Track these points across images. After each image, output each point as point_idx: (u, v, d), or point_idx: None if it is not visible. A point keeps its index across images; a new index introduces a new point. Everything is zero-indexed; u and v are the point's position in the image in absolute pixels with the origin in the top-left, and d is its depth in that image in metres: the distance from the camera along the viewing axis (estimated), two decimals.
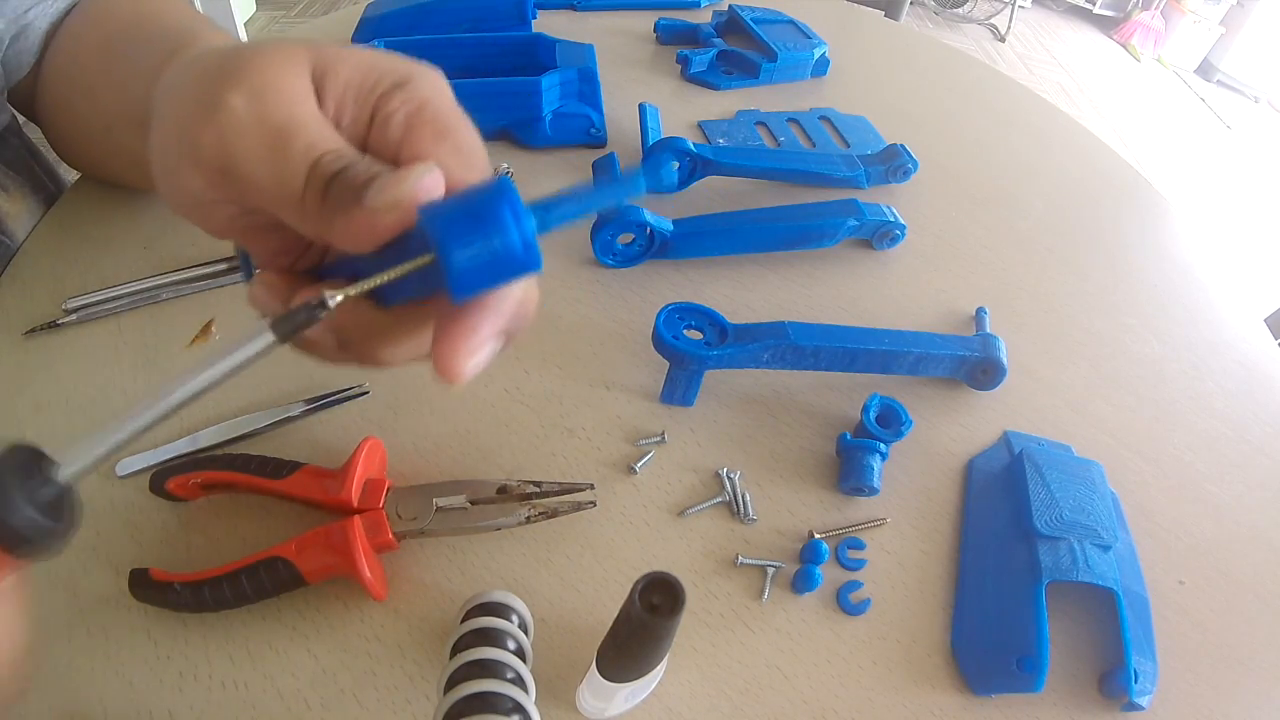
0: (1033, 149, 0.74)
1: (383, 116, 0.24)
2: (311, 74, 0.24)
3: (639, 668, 0.29)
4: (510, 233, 0.19)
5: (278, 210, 0.23)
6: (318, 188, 0.22)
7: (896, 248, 0.58)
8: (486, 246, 0.19)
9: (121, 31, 0.43)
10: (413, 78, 0.24)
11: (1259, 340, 0.58)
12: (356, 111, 0.24)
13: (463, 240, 0.19)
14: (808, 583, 0.38)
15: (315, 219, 0.22)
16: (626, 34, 0.79)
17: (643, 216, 0.50)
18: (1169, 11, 3.48)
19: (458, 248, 0.19)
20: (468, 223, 0.19)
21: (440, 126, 0.23)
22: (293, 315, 0.20)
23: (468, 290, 0.19)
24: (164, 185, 0.25)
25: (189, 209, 0.25)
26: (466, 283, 0.19)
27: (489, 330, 0.21)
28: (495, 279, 0.20)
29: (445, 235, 0.19)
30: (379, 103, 0.24)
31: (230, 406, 0.42)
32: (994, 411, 0.48)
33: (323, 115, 0.23)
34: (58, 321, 0.45)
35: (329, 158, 0.22)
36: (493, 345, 0.22)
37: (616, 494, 0.41)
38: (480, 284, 0.19)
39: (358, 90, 0.24)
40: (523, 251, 0.19)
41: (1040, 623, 0.36)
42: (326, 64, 0.24)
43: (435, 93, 0.24)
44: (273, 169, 0.22)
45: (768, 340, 0.43)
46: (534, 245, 0.19)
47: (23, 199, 0.52)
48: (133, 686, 0.33)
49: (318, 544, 0.34)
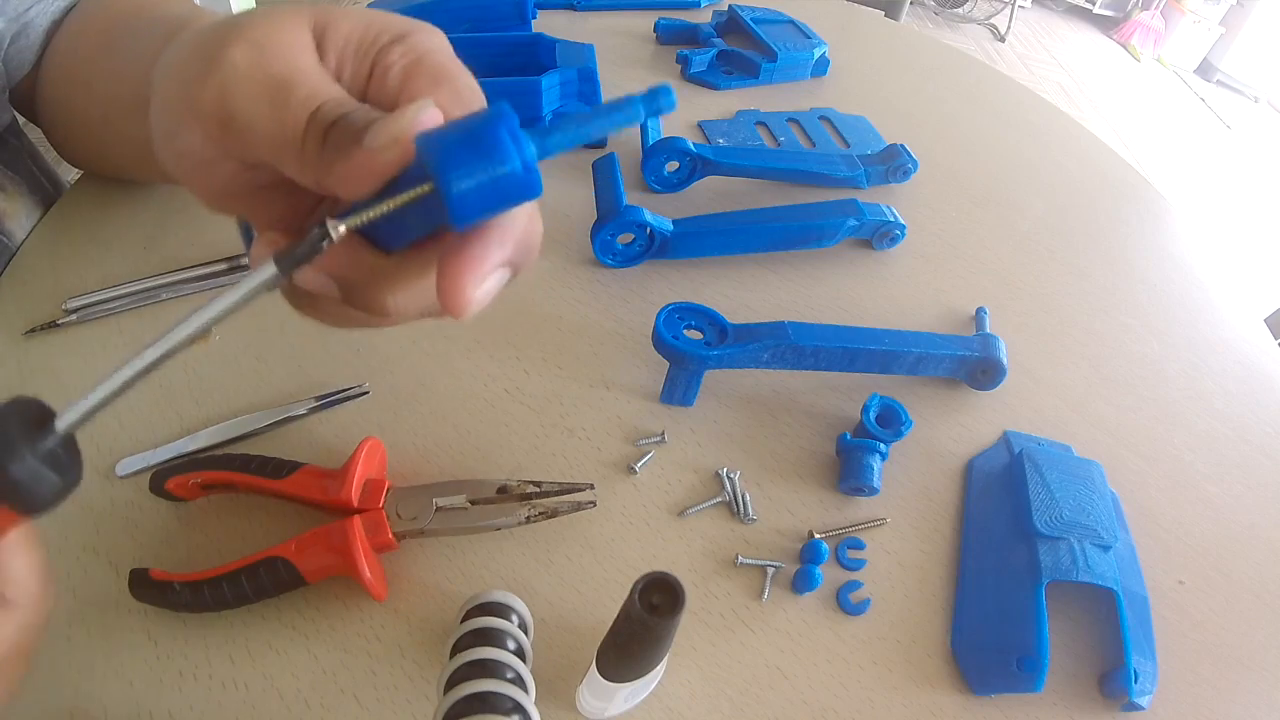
0: (1033, 149, 0.74)
1: (381, 68, 0.24)
2: (312, 30, 0.24)
3: (639, 668, 0.29)
4: (510, 155, 0.18)
5: (277, 160, 0.23)
6: (317, 135, 0.22)
7: (896, 248, 0.58)
8: (486, 169, 0.18)
9: (120, 22, 0.43)
10: (412, 32, 0.24)
11: (1259, 340, 0.58)
12: (356, 65, 0.24)
13: (461, 164, 0.18)
14: (808, 583, 0.38)
15: (315, 166, 0.22)
16: (626, 34, 0.79)
17: (643, 216, 0.50)
18: (1169, 11, 3.48)
19: (456, 173, 0.18)
20: (466, 147, 0.19)
21: (437, 75, 0.23)
22: (296, 246, 0.20)
23: (469, 216, 0.19)
24: (164, 149, 0.25)
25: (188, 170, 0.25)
26: (467, 208, 0.19)
27: (495, 258, 0.21)
28: (496, 204, 0.19)
29: (443, 160, 0.18)
30: (378, 56, 0.24)
31: (230, 406, 0.42)
32: (994, 411, 0.48)
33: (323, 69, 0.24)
34: (58, 321, 0.45)
35: (329, 105, 0.22)
36: (499, 275, 0.22)
37: (616, 494, 0.41)
38: (482, 209, 0.19)
39: (358, 45, 0.24)
40: (524, 174, 0.19)
41: (1040, 623, 0.36)
42: (327, 20, 0.24)
43: (434, 46, 0.24)
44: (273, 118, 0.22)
45: (768, 340, 0.43)
46: (534, 168, 0.19)
47: (22, 199, 0.52)
48: (133, 686, 0.33)
49: (318, 544, 0.34)
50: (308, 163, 0.22)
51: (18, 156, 0.54)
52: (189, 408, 0.42)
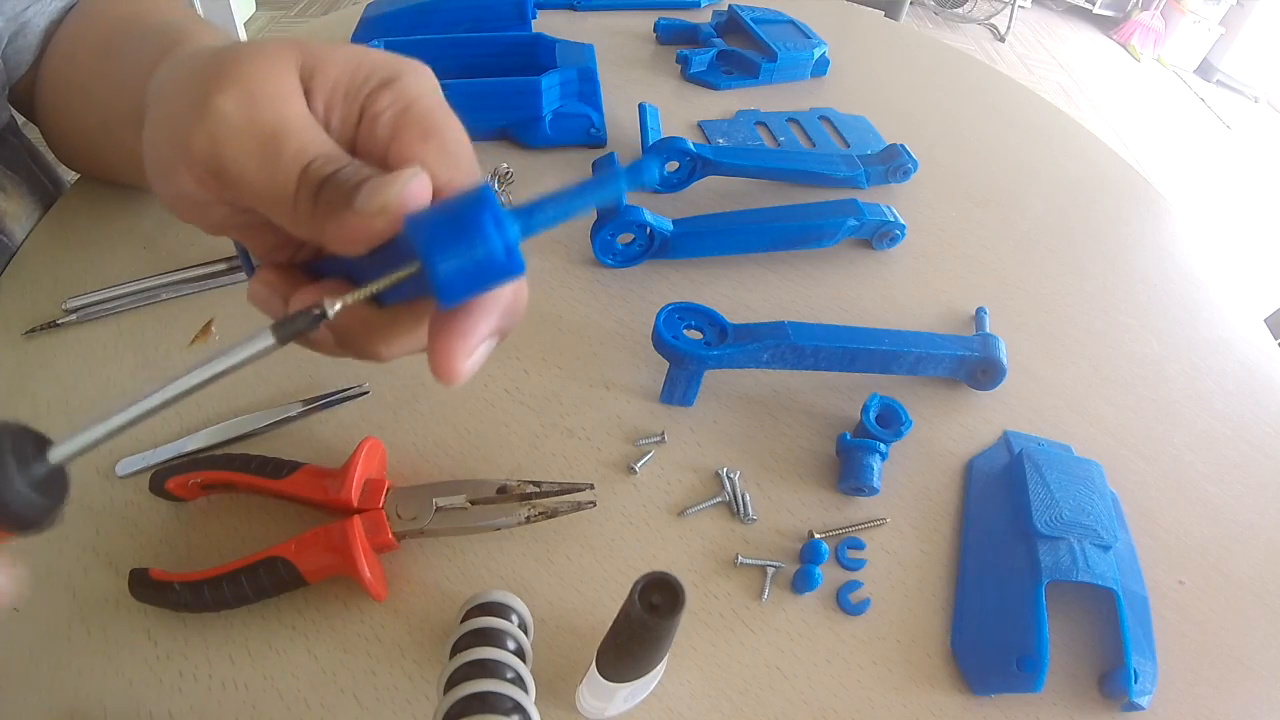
0: (1032, 149, 0.74)
1: (370, 116, 0.24)
2: (300, 73, 0.24)
3: (639, 668, 0.29)
4: (492, 241, 0.19)
5: (269, 213, 0.23)
6: (309, 192, 0.22)
7: (896, 248, 0.58)
8: (470, 255, 0.19)
9: (117, 29, 0.43)
10: (400, 75, 0.24)
11: (1259, 340, 0.58)
12: (345, 110, 0.24)
13: (446, 250, 0.19)
14: (807, 583, 0.38)
15: (307, 222, 0.23)
16: (626, 34, 0.79)
17: (642, 216, 0.50)
18: (1169, 11, 3.48)
19: (442, 258, 0.19)
20: (451, 233, 0.19)
21: (426, 126, 0.23)
22: (292, 320, 0.20)
23: (455, 298, 0.20)
24: (158, 184, 0.25)
25: (183, 208, 0.25)
26: (453, 290, 0.20)
27: (482, 332, 0.22)
28: (480, 285, 0.20)
29: (429, 246, 0.19)
30: (367, 101, 0.24)
31: (230, 406, 0.42)
32: (994, 411, 0.48)
33: (312, 116, 0.24)
34: (57, 321, 0.45)
35: (319, 161, 0.22)
36: (487, 344, 0.23)
37: (616, 494, 0.41)
38: (466, 291, 0.20)
39: (346, 89, 0.24)
40: (505, 258, 0.20)
41: (1040, 623, 0.36)
42: (315, 63, 0.24)
43: (422, 91, 0.24)
44: (264, 172, 0.22)
45: (768, 340, 0.43)
46: (516, 251, 0.20)
47: (21, 199, 0.52)
48: (132, 686, 0.33)
49: (317, 544, 0.34)
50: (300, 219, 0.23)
51: (17, 156, 0.54)
52: (189, 407, 0.42)
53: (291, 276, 0.25)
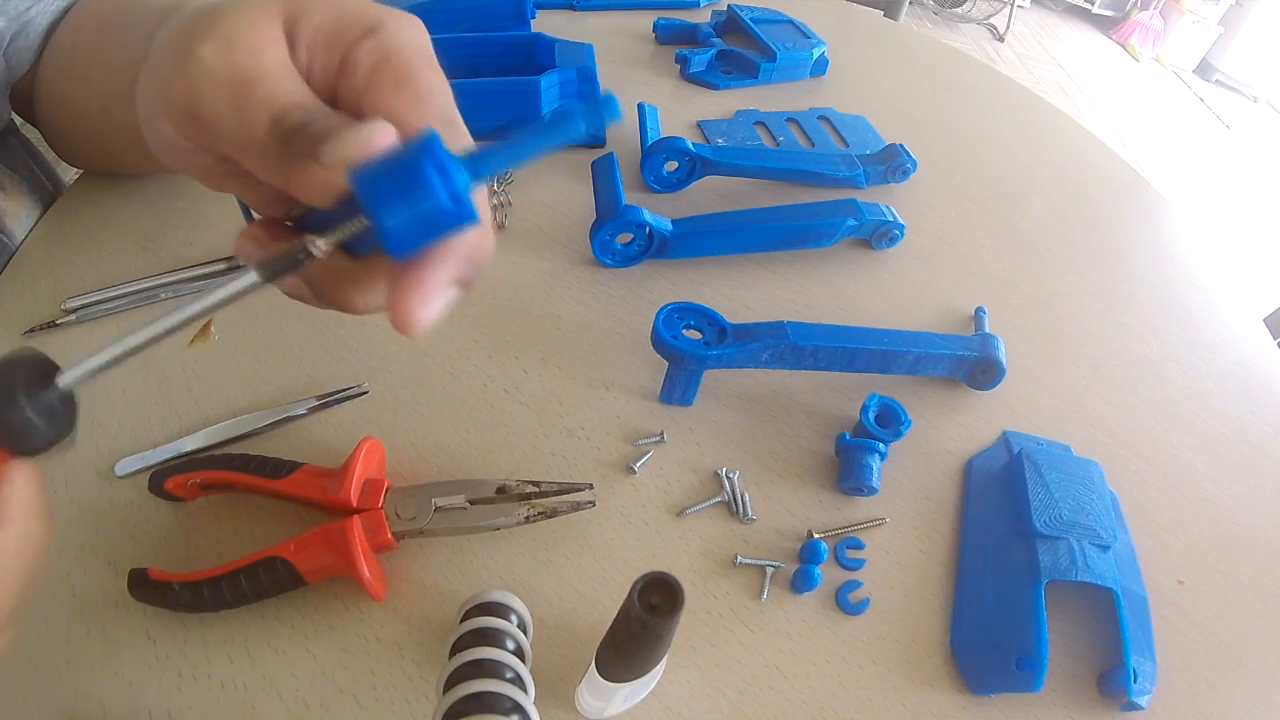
0: (1032, 149, 0.74)
1: (350, 65, 0.24)
2: (284, 21, 0.24)
3: (638, 668, 0.29)
4: (437, 190, 0.19)
5: (242, 159, 0.23)
6: (278, 139, 0.22)
7: (895, 247, 0.58)
8: (415, 207, 0.19)
9: (117, 17, 0.43)
10: (383, 24, 0.24)
11: (1258, 340, 0.58)
12: (326, 59, 0.24)
13: (390, 203, 0.19)
14: (807, 582, 0.38)
15: (275, 171, 0.23)
16: (625, 34, 0.79)
17: (642, 216, 0.50)
18: (1168, 11, 3.49)
19: (386, 211, 0.19)
20: (394, 185, 0.19)
21: (402, 75, 0.23)
22: (278, 259, 0.21)
23: (405, 250, 0.20)
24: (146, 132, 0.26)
25: (169, 157, 0.26)
26: (401, 243, 0.19)
27: (438, 280, 0.22)
28: (430, 236, 0.20)
29: (373, 199, 0.19)
30: (348, 50, 0.24)
31: (229, 406, 0.42)
32: (993, 411, 0.48)
33: (291, 64, 0.24)
34: (57, 321, 0.45)
35: (290, 110, 0.22)
36: (447, 294, 0.22)
37: (616, 494, 0.41)
38: (416, 242, 0.20)
39: (328, 37, 0.24)
40: (453, 206, 0.19)
41: (1039, 622, 0.36)
42: (298, 10, 0.24)
43: (404, 40, 0.24)
44: (235, 118, 0.22)
45: (767, 340, 0.43)
46: (464, 199, 0.19)
47: (21, 198, 0.52)
48: (132, 686, 0.33)
49: (317, 544, 0.34)
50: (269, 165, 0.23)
51: (17, 155, 0.54)
52: (188, 407, 0.42)
53: (280, 233, 0.25)
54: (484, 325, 0.48)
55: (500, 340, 0.47)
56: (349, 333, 0.46)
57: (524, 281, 0.51)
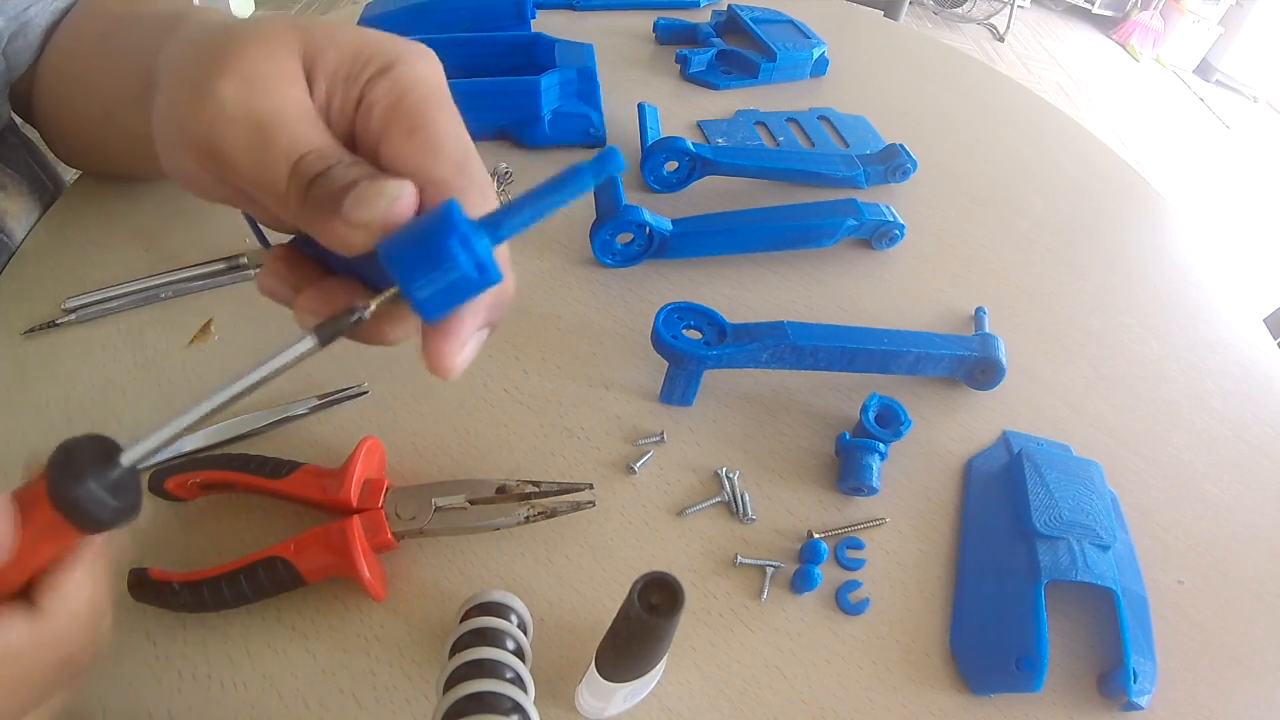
0: (1032, 149, 0.74)
1: (365, 105, 0.24)
2: (302, 57, 0.24)
3: (638, 667, 0.29)
4: (462, 264, 0.20)
5: (263, 200, 0.24)
6: (299, 187, 0.22)
7: (895, 247, 0.58)
8: (442, 280, 0.20)
9: (118, 22, 0.43)
10: (398, 62, 0.24)
11: (1258, 340, 0.58)
12: (344, 97, 0.24)
13: (419, 277, 0.20)
14: (807, 582, 0.38)
15: (297, 216, 0.23)
16: (625, 34, 0.79)
17: (642, 216, 0.50)
18: (1168, 11, 3.48)
19: (416, 285, 0.20)
20: (421, 259, 0.20)
21: (413, 121, 0.24)
22: (333, 322, 0.22)
23: (436, 314, 0.21)
24: (165, 159, 0.26)
25: (188, 184, 0.26)
26: (433, 309, 0.21)
27: (470, 329, 0.23)
28: (458, 300, 0.21)
29: (403, 274, 0.20)
30: (365, 88, 0.24)
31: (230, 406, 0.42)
32: (993, 411, 0.48)
33: (310, 105, 0.24)
34: (57, 321, 0.45)
35: (311, 157, 0.23)
36: (478, 339, 0.24)
37: (616, 494, 0.41)
38: (446, 307, 0.21)
39: (346, 74, 0.24)
40: (478, 275, 0.21)
41: (1039, 622, 0.36)
42: (316, 46, 0.24)
43: (417, 79, 0.24)
44: (257, 162, 0.23)
45: (767, 340, 0.43)
46: (489, 266, 0.21)
47: (21, 197, 0.52)
48: (132, 686, 0.33)
49: (317, 544, 0.34)
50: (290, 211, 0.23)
51: (17, 154, 0.54)
52: (187, 407, 0.42)
53: (300, 268, 0.26)
54: None
55: (500, 340, 0.47)
56: None
57: (524, 281, 0.51)
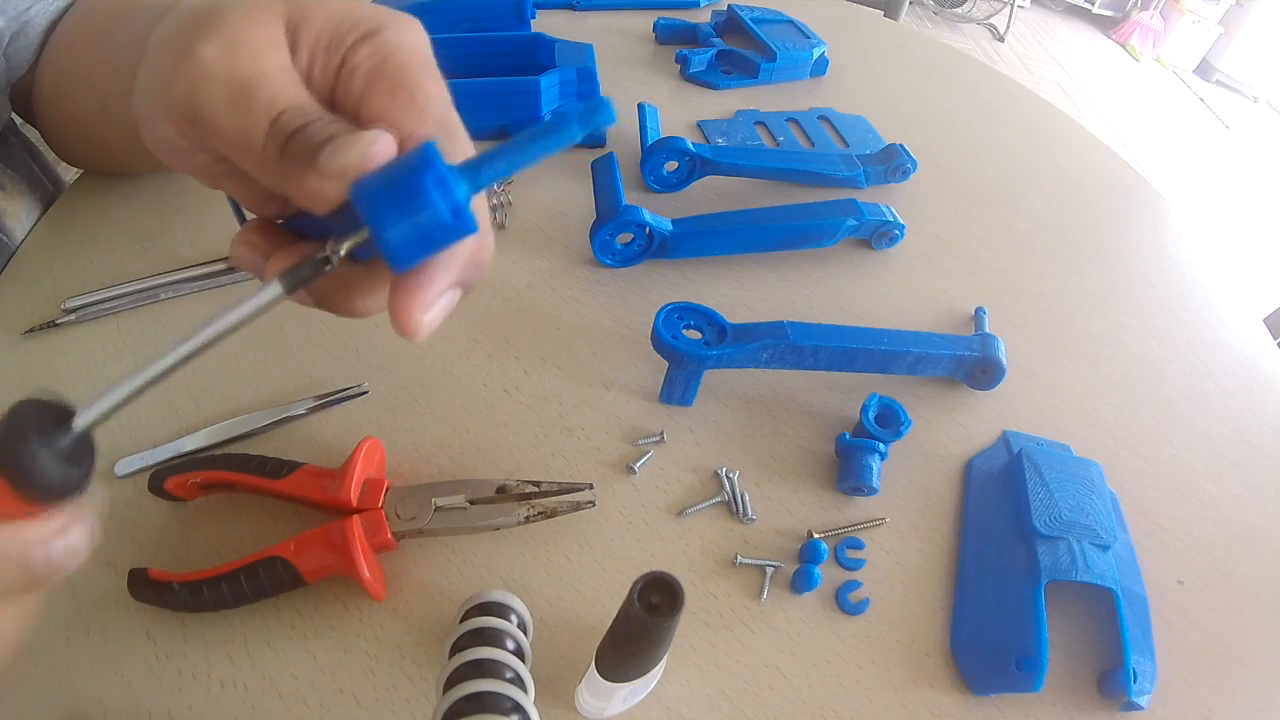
0: (1031, 149, 0.74)
1: (348, 69, 0.24)
2: (285, 24, 0.24)
3: (638, 667, 0.29)
4: (437, 205, 0.19)
5: (240, 161, 0.24)
6: (276, 143, 0.22)
7: (895, 247, 0.58)
8: (415, 221, 0.19)
9: (116, 16, 0.43)
10: (383, 28, 0.24)
11: (1258, 340, 0.58)
12: (326, 62, 0.24)
13: (391, 218, 0.19)
14: (807, 582, 0.38)
15: (273, 174, 0.23)
16: (625, 34, 0.79)
17: (642, 216, 0.50)
18: (1168, 11, 3.48)
19: (387, 226, 0.19)
20: (394, 199, 0.19)
21: (398, 80, 0.23)
22: (299, 268, 0.20)
23: (406, 263, 0.20)
24: (144, 130, 0.26)
25: (165, 153, 0.26)
26: (403, 256, 0.20)
27: (439, 285, 0.22)
28: (431, 248, 0.20)
29: (374, 214, 0.19)
30: (348, 53, 0.24)
31: (229, 406, 0.42)
32: (993, 411, 0.48)
33: (292, 68, 0.24)
34: (56, 321, 0.45)
35: (289, 114, 0.22)
36: (447, 298, 0.23)
37: (615, 494, 0.41)
38: (417, 255, 0.20)
39: (329, 40, 0.24)
40: (453, 219, 0.19)
41: (1039, 622, 0.36)
42: (301, 13, 0.24)
43: (402, 44, 0.24)
44: (235, 120, 0.23)
45: (767, 340, 0.43)
46: (464, 211, 0.19)
47: (21, 197, 0.52)
48: (131, 686, 0.33)
49: (316, 544, 0.34)
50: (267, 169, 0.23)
51: (17, 154, 0.54)
52: (188, 407, 0.42)
53: (275, 236, 0.25)
54: (484, 325, 0.48)
55: (500, 340, 0.47)
56: (349, 333, 0.46)
57: (524, 281, 0.51)
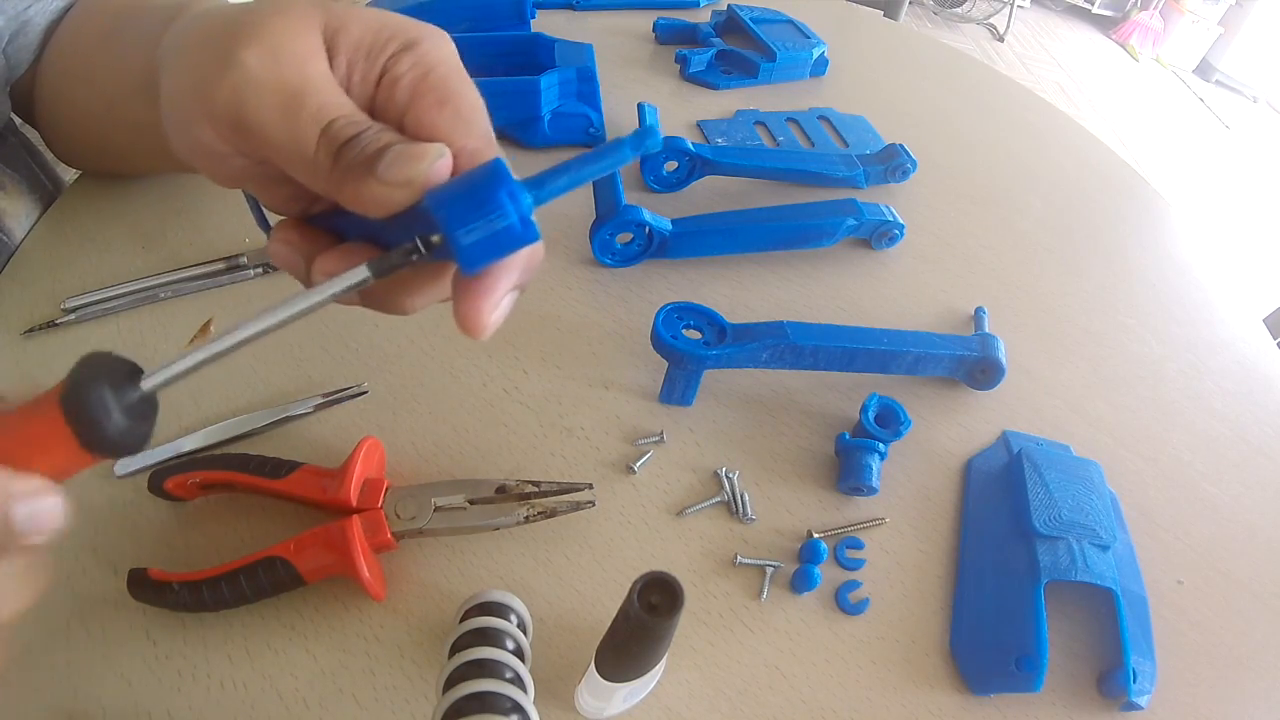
0: (1031, 149, 0.74)
1: (390, 79, 0.25)
2: (323, 33, 0.25)
3: (638, 667, 0.29)
4: (509, 215, 0.21)
5: (289, 168, 0.24)
6: (329, 151, 0.23)
7: (895, 247, 0.58)
8: (488, 228, 0.21)
9: (119, 18, 0.43)
10: (421, 40, 0.25)
11: (1257, 340, 0.58)
12: (365, 71, 0.25)
13: (467, 225, 0.21)
14: (806, 582, 0.38)
15: (326, 181, 0.23)
16: (625, 33, 0.79)
17: (641, 216, 0.50)
18: (1167, 11, 3.49)
19: (463, 232, 0.21)
20: (470, 208, 0.21)
21: (443, 92, 0.24)
22: (389, 257, 0.22)
23: (476, 265, 0.22)
24: (176, 136, 0.26)
25: (200, 159, 0.26)
26: (475, 260, 0.22)
27: (505, 287, 0.24)
28: (499, 253, 0.22)
29: (451, 221, 0.21)
30: (388, 64, 0.25)
31: (229, 406, 0.42)
32: (993, 411, 0.48)
33: (333, 75, 0.24)
34: (56, 321, 0.45)
35: (340, 122, 0.23)
36: (509, 299, 0.25)
37: (615, 494, 0.41)
38: (487, 259, 0.22)
39: (368, 50, 0.25)
40: (521, 228, 0.21)
41: (1039, 622, 0.36)
42: (338, 24, 0.25)
43: (441, 57, 0.25)
44: (285, 128, 0.23)
45: (766, 340, 0.43)
46: (530, 221, 0.21)
47: (21, 197, 0.52)
48: (131, 686, 0.33)
49: (316, 544, 0.34)
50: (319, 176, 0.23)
51: (17, 154, 0.54)
52: (187, 407, 0.42)
53: (310, 235, 0.26)
54: None
55: (500, 340, 0.47)
56: (349, 333, 0.46)
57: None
